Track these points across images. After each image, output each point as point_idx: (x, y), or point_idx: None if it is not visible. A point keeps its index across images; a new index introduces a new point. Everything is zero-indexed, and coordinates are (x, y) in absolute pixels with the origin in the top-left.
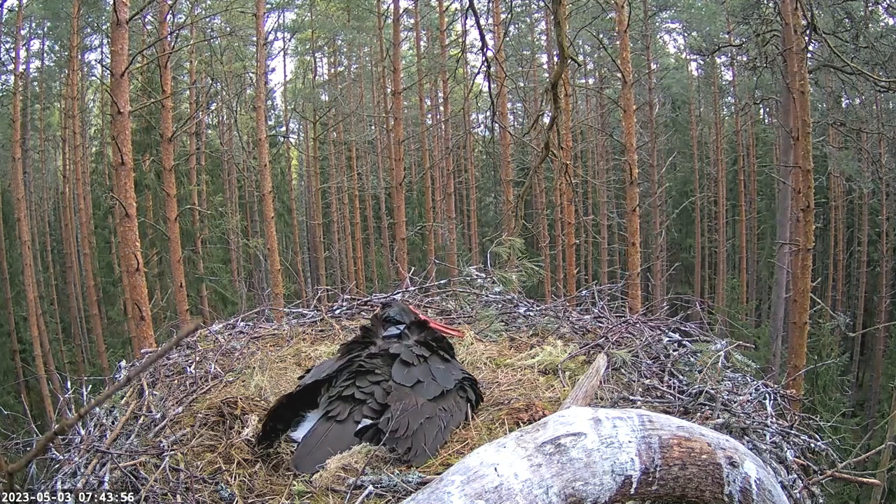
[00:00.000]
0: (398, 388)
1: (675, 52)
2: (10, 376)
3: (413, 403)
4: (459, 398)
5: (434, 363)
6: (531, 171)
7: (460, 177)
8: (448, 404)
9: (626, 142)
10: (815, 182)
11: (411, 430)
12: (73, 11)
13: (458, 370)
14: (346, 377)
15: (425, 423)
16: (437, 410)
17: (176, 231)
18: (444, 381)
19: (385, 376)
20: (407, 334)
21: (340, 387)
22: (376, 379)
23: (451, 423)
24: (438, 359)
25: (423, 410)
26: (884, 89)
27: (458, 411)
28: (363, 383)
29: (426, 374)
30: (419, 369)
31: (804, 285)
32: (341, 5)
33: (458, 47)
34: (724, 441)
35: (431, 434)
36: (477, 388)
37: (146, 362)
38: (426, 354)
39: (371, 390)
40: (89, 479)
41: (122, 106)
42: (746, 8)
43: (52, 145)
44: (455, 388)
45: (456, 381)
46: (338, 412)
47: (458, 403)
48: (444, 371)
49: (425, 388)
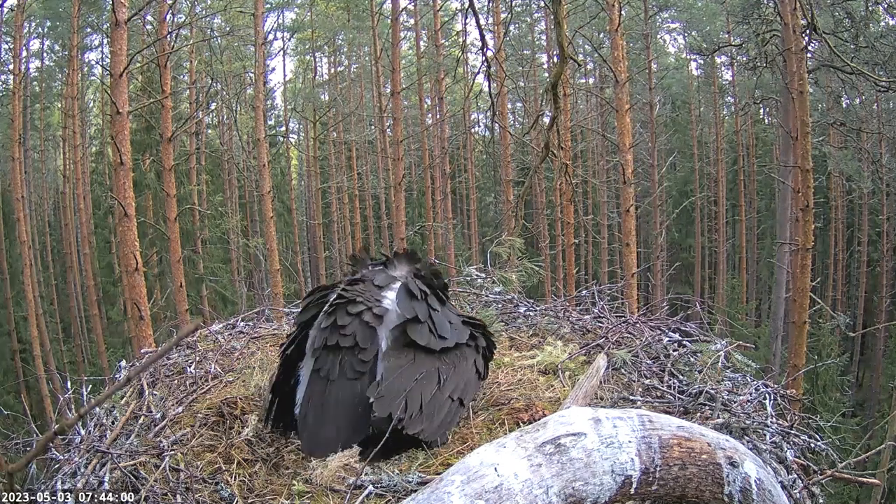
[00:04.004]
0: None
1: (675, 51)
2: (10, 376)
3: (406, 357)
4: (466, 346)
5: (432, 302)
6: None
7: (460, 176)
8: (451, 355)
9: (619, 142)
10: (815, 182)
11: (404, 391)
12: (73, 11)
13: (455, 312)
14: (328, 310)
15: (421, 379)
16: (437, 363)
17: (176, 231)
18: (444, 329)
19: (367, 304)
20: (394, 263)
21: (323, 328)
22: (357, 310)
23: (452, 376)
24: (435, 299)
25: (419, 363)
26: (884, 89)
27: (464, 361)
28: (344, 319)
29: (425, 313)
30: (421, 305)
31: (804, 285)
32: (341, 5)
33: (457, 47)
34: (724, 441)
35: (428, 394)
36: (489, 334)
37: (146, 362)
38: (426, 290)
39: (353, 330)
40: (89, 479)
41: (121, 106)
42: (746, 8)
43: (52, 145)
44: (465, 339)
45: (459, 328)
46: (328, 369)
47: (462, 353)
48: (441, 315)
49: (422, 333)
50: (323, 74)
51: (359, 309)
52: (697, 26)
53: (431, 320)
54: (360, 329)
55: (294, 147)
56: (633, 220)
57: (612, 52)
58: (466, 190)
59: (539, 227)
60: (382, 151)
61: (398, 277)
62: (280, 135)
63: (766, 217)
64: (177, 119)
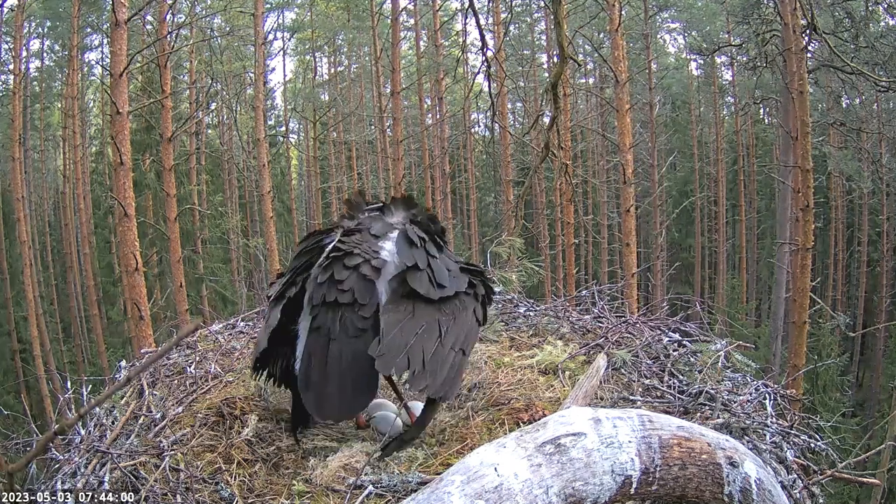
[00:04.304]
0: (396, 289)
1: (675, 51)
2: (10, 376)
3: (406, 310)
4: (465, 295)
5: (430, 249)
6: (531, 171)
7: (460, 176)
8: (451, 305)
9: (620, 142)
10: (815, 182)
11: (405, 346)
12: (73, 11)
13: (453, 259)
14: (324, 263)
15: (422, 333)
16: (437, 314)
17: (176, 231)
18: (443, 277)
19: (364, 256)
20: (391, 210)
21: (320, 282)
22: (354, 262)
23: (452, 328)
24: (433, 245)
25: (419, 316)
26: (884, 89)
27: (464, 311)
28: (341, 273)
29: (424, 260)
30: (420, 253)
31: (804, 285)
32: (341, 5)
33: (457, 47)
34: (724, 441)
35: (430, 348)
36: (487, 280)
37: (146, 362)
38: (424, 237)
39: (350, 285)
40: (89, 479)
41: (121, 106)
42: (746, 8)
43: (52, 145)
44: (464, 287)
45: (458, 276)
46: (328, 327)
47: (462, 302)
48: (439, 262)
49: (422, 281)
50: (323, 74)
51: (356, 262)
52: (697, 26)
53: (430, 268)
54: (358, 283)
55: (294, 147)
56: (633, 220)
57: (613, 52)
58: (466, 190)
59: (539, 227)
60: (382, 151)
61: (395, 225)
62: (280, 135)
63: (766, 217)
64: (177, 119)
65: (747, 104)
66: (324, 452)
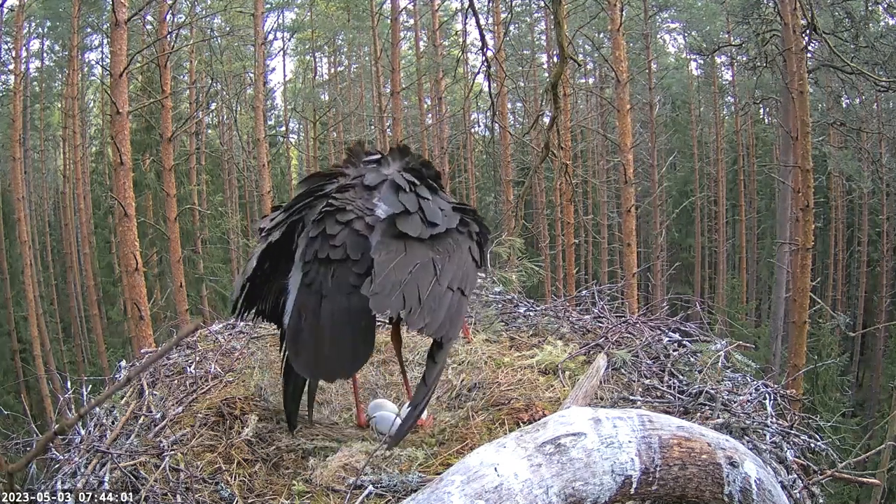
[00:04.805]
0: (386, 232)
1: (675, 51)
2: (10, 376)
3: (398, 249)
4: (459, 234)
5: (422, 192)
6: (531, 171)
7: (460, 176)
8: (444, 244)
9: (620, 142)
10: (815, 182)
11: (400, 284)
12: (73, 11)
13: (446, 200)
14: (317, 217)
15: (416, 271)
16: (431, 253)
17: (176, 231)
18: (434, 216)
19: (357, 212)
20: (388, 161)
21: (312, 237)
22: (347, 218)
23: (448, 266)
24: (426, 189)
25: (411, 255)
26: (884, 89)
27: (458, 249)
28: (333, 228)
29: (415, 204)
30: (410, 197)
31: (803, 284)
32: (341, 5)
33: (457, 47)
34: (724, 441)
35: (426, 287)
36: (480, 219)
37: (146, 362)
38: (415, 182)
39: (343, 240)
40: (89, 479)
41: (121, 106)
42: (746, 8)
43: (52, 145)
44: (455, 224)
45: (449, 214)
46: (319, 282)
47: (456, 241)
48: (431, 203)
49: (413, 223)
50: (323, 74)
51: (349, 217)
52: (697, 26)
53: (422, 210)
54: (351, 238)
55: (294, 147)
56: (633, 220)
57: (614, 52)
58: (466, 190)
59: (539, 227)
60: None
61: (389, 175)
62: (280, 135)
63: (766, 217)
64: (177, 119)
65: (747, 104)
66: (324, 452)
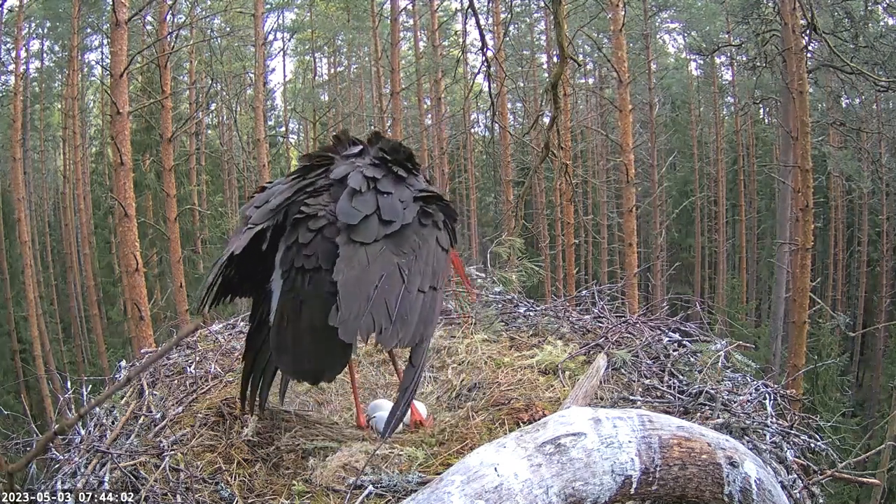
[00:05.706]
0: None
1: (675, 51)
2: (10, 376)
3: (360, 262)
4: (421, 227)
5: (384, 186)
6: (531, 171)
7: (460, 176)
8: (408, 243)
9: (622, 142)
10: (815, 182)
11: (367, 304)
12: (73, 11)
13: (412, 189)
14: (292, 222)
15: (383, 283)
16: (396, 258)
17: (176, 231)
18: (393, 213)
19: (329, 217)
20: (367, 150)
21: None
22: (318, 225)
23: (415, 267)
24: (390, 180)
25: (375, 267)
26: (883, 89)
27: (424, 244)
28: (305, 236)
29: (372, 205)
30: (366, 199)
31: (803, 284)
32: (341, 5)
33: (456, 47)
34: (724, 441)
35: (394, 298)
36: (446, 204)
37: (146, 362)
38: (378, 176)
39: (314, 250)
40: (89, 479)
41: (122, 106)
42: (746, 8)
43: (52, 145)
44: (414, 218)
45: (409, 206)
46: (298, 288)
47: (420, 236)
48: (392, 198)
49: (368, 229)
50: (323, 75)
51: (320, 224)
52: (697, 26)
53: (379, 209)
54: (323, 247)
55: (294, 147)
56: (634, 220)
57: (616, 53)
58: (466, 190)
59: (539, 227)
60: None
61: (361, 167)
62: (280, 135)
63: (766, 217)
64: (177, 119)
65: (747, 104)
66: (324, 452)
